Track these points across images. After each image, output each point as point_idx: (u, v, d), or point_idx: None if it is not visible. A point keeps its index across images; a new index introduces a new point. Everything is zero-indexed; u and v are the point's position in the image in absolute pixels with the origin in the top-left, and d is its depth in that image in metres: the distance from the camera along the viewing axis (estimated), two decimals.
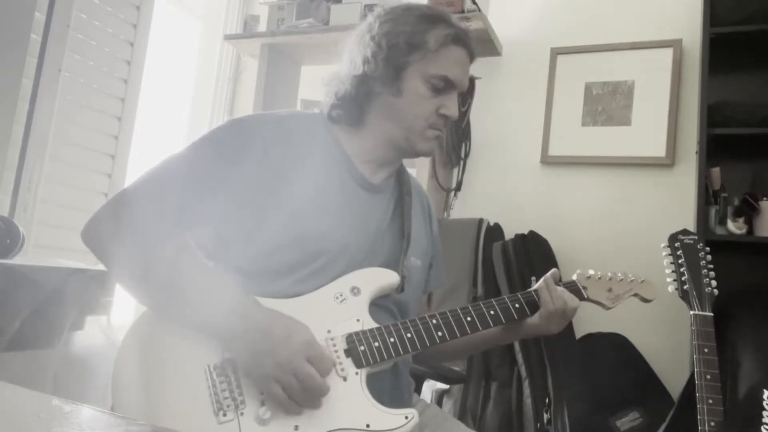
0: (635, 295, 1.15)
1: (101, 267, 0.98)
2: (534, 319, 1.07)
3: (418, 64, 1.02)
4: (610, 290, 1.13)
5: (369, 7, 2.37)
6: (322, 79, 1.12)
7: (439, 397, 2.03)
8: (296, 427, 0.87)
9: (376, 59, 1.02)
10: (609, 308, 1.13)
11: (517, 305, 1.06)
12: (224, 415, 0.86)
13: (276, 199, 0.97)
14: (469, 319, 1.01)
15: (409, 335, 0.97)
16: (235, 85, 3.03)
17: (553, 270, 1.11)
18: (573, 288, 1.11)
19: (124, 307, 1.78)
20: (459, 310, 1.02)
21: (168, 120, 2.83)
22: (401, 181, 1.16)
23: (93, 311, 1.57)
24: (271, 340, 0.87)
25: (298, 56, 2.75)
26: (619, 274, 1.15)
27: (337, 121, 1.09)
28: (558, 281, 1.10)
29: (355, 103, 1.06)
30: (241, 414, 0.86)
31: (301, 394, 0.86)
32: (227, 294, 0.91)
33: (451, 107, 1.05)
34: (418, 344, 0.97)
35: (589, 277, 1.13)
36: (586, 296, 1.11)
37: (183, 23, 2.95)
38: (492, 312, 1.03)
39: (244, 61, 3.02)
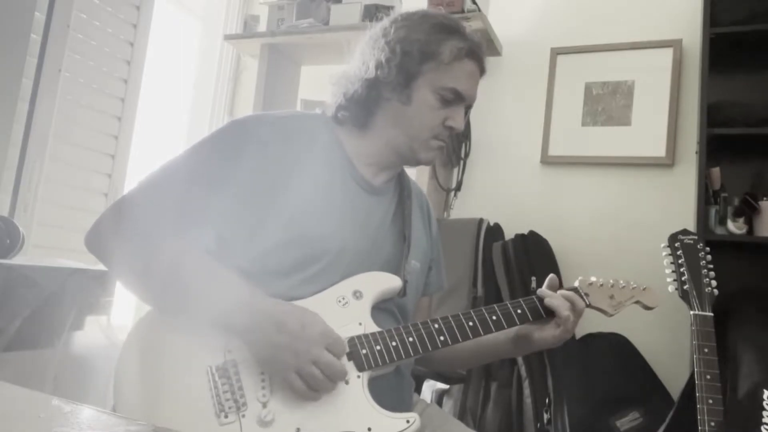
0: (637, 302, 1.14)
1: (101, 267, 0.98)
2: (548, 331, 1.04)
3: (430, 75, 1.02)
4: (611, 297, 1.12)
5: (369, 8, 2.37)
6: (329, 77, 1.11)
7: (439, 397, 2.03)
8: (298, 430, 0.87)
9: (390, 64, 1.02)
10: (611, 315, 1.12)
11: (519, 311, 1.04)
12: (225, 416, 0.86)
13: (276, 199, 0.97)
14: (471, 323, 1.00)
15: (411, 339, 0.97)
16: (235, 85, 3.03)
17: (551, 276, 1.10)
18: None
19: (124, 307, 1.78)
20: (461, 315, 1.01)
21: (168, 120, 2.83)
22: (402, 184, 1.16)
23: (93, 311, 1.57)
24: (287, 333, 0.87)
25: (298, 56, 2.75)
26: (621, 281, 1.14)
27: (342, 122, 1.09)
28: (557, 287, 1.09)
29: (363, 106, 1.06)
30: (243, 416, 0.86)
31: (323, 381, 0.87)
32: (236, 287, 0.91)
33: (458, 120, 1.06)
34: (420, 348, 0.97)
35: (591, 284, 1.12)
36: (588, 303, 1.10)
37: (183, 23, 2.95)
38: (494, 317, 1.02)
39: (244, 61, 3.02)
